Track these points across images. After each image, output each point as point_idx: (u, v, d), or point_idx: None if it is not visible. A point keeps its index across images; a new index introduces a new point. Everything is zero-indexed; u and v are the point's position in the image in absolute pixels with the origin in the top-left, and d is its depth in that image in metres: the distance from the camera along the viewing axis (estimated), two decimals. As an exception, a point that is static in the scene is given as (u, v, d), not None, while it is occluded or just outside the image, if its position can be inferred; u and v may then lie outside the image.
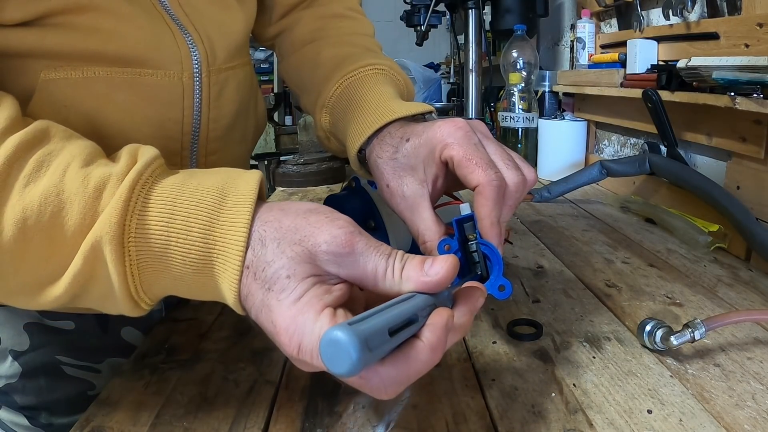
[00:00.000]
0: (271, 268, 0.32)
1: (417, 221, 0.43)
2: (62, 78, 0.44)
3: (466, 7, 1.39)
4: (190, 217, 0.33)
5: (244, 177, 0.36)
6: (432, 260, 0.33)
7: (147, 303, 0.36)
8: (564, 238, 0.81)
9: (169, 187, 0.34)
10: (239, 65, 0.58)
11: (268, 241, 0.32)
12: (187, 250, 0.33)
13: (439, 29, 1.69)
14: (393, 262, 0.33)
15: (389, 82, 0.54)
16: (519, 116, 1.26)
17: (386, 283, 0.32)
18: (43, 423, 0.59)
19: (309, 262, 0.32)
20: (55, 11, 0.42)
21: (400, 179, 0.44)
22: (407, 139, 0.44)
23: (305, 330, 0.30)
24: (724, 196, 0.72)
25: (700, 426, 0.38)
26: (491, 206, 0.40)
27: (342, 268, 0.32)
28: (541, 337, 0.51)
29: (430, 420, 0.39)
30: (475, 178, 0.40)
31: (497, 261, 0.40)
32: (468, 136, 0.41)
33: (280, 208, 0.34)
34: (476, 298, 0.35)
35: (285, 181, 1.24)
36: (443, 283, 0.32)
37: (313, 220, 0.33)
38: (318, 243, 0.32)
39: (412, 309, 0.30)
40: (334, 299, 0.32)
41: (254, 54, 3.60)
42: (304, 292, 0.31)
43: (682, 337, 0.45)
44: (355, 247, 0.32)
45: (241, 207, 0.34)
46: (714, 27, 0.80)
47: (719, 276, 0.65)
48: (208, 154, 0.55)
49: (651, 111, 0.87)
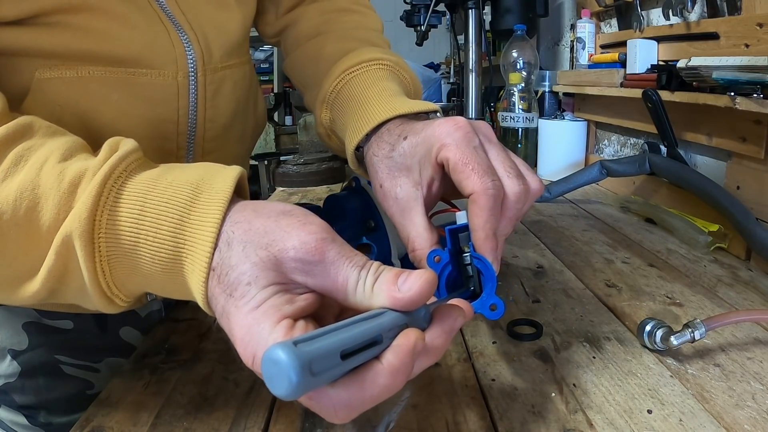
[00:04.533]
0: (234, 272, 0.30)
1: (408, 226, 0.40)
2: (56, 77, 0.44)
3: (466, 7, 1.39)
4: (161, 215, 0.32)
5: (222, 173, 0.34)
6: (407, 275, 0.30)
7: (122, 299, 0.35)
8: (564, 238, 0.81)
9: (143, 182, 0.33)
10: (237, 64, 0.57)
11: (235, 243, 0.31)
12: (156, 248, 0.32)
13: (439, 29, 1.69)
14: (365, 274, 0.30)
15: (393, 79, 0.52)
16: (519, 116, 1.26)
17: (356, 297, 0.30)
18: (42, 422, 0.59)
19: (273, 269, 0.30)
20: (49, 10, 0.42)
21: (394, 179, 0.41)
22: (405, 137, 0.42)
23: (260, 341, 0.28)
24: (724, 196, 0.72)
25: (700, 426, 0.38)
26: (486, 217, 0.36)
27: (310, 277, 0.30)
28: (541, 337, 0.51)
29: (430, 420, 0.39)
30: (469, 185, 0.36)
31: (490, 278, 0.37)
32: (467, 138, 0.38)
33: (253, 208, 0.32)
34: (454, 319, 0.32)
35: (285, 181, 1.24)
36: (416, 302, 0.29)
37: (284, 224, 0.31)
38: (285, 248, 0.30)
39: (377, 328, 0.27)
40: (295, 310, 0.29)
41: (254, 54, 3.60)
42: (264, 300, 0.29)
43: (682, 337, 0.45)
44: (326, 255, 0.30)
45: (212, 206, 0.32)
46: (714, 27, 0.80)
47: (719, 276, 0.65)
48: (205, 154, 0.55)
49: (651, 111, 0.87)
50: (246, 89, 0.61)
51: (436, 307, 0.32)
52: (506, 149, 0.41)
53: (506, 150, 0.40)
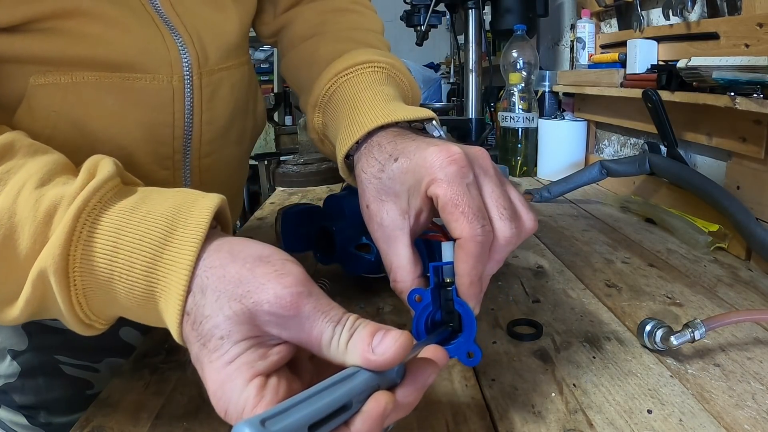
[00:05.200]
0: (207, 323, 0.29)
1: (391, 255, 0.39)
2: (51, 83, 0.43)
3: (466, 7, 1.39)
4: (134, 252, 0.31)
5: (198, 205, 0.33)
6: (383, 334, 0.29)
7: (102, 323, 0.35)
8: (564, 238, 0.81)
9: (118, 214, 0.32)
10: (235, 65, 0.57)
11: (209, 291, 0.30)
12: (131, 285, 0.31)
13: (439, 29, 1.69)
14: (340, 330, 0.29)
15: (389, 83, 0.50)
16: (519, 116, 1.26)
17: (330, 352, 0.29)
18: (42, 422, 0.59)
19: (247, 323, 0.29)
20: (42, 16, 0.41)
21: (381, 204, 0.40)
22: (395, 158, 0.39)
23: (231, 398, 0.28)
24: (724, 196, 0.72)
25: (700, 426, 0.38)
26: (472, 264, 0.35)
27: (284, 330, 0.30)
28: (541, 337, 0.51)
29: (430, 420, 0.39)
30: (458, 228, 0.35)
31: (469, 324, 0.37)
32: (461, 174, 0.36)
33: (229, 250, 0.31)
34: (428, 375, 0.31)
35: (285, 181, 1.24)
36: (389, 365, 0.29)
37: (259, 273, 0.30)
38: (260, 302, 0.29)
39: (346, 395, 0.27)
40: (268, 365, 0.29)
41: (254, 54, 3.60)
42: (237, 356, 0.29)
43: (682, 337, 0.45)
44: (301, 310, 0.29)
45: (186, 246, 0.31)
46: (714, 27, 0.80)
47: (719, 276, 0.65)
48: (202, 157, 0.54)
49: (651, 111, 0.87)
50: (245, 90, 0.60)
51: (411, 359, 0.31)
52: (504, 182, 0.39)
53: (503, 184, 0.38)
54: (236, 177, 0.65)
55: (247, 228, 0.93)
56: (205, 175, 0.55)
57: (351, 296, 0.60)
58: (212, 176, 0.56)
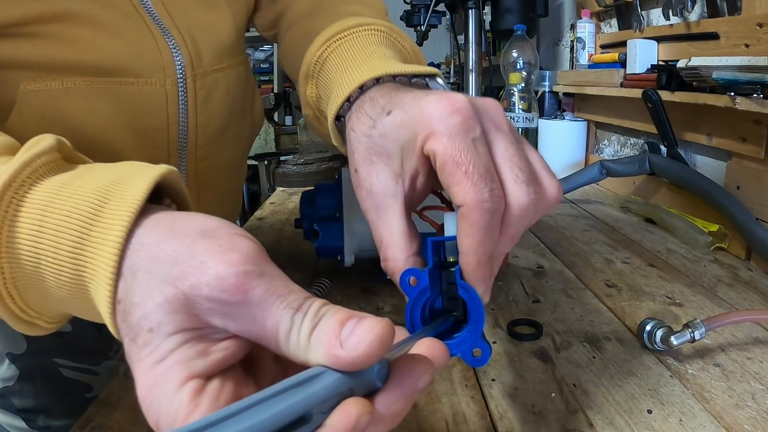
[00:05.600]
0: (136, 313, 0.24)
1: (381, 228, 0.32)
2: (42, 89, 0.43)
3: (466, 7, 1.39)
4: (60, 231, 0.26)
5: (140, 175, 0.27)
6: (354, 324, 0.22)
7: (47, 322, 0.30)
8: (564, 238, 0.81)
9: (47, 190, 0.27)
10: (230, 66, 0.56)
11: (140, 273, 0.24)
12: (58, 270, 0.26)
13: (439, 29, 1.69)
14: (301, 318, 0.23)
15: (388, 45, 0.44)
16: (519, 116, 1.26)
17: (290, 348, 0.23)
18: (41, 425, 0.59)
19: (183, 312, 0.23)
20: (30, 20, 0.41)
21: (370, 165, 0.33)
22: (389, 111, 0.33)
23: (161, 406, 0.22)
24: (724, 196, 0.72)
25: (700, 426, 0.38)
26: (479, 239, 0.28)
27: (231, 320, 0.23)
28: (541, 337, 0.51)
29: (430, 420, 0.39)
30: (460, 193, 0.28)
31: (477, 315, 0.30)
32: (465, 126, 0.29)
33: (170, 224, 0.25)
34: (417, 377, 0.23)
35: (285, 181, 1.24)
36: (362, 363, 0.22)
37: (199, 249, 0.24)
38: (198, 285, 0.23)
39: (303, 403, 0.20)
40: (208, 365, 0.23)
41: (254, 54, 3.60)
42: (169, 352, 0.23)
43: (682, 337, 0.45)
44: (250, 294, 0.23)
45: (117, 221, 0.25)
46: (714, 27, 0.80)
47: (719, 276, 0.65)
48: (198, 160, 0.54)
49: (651, 111, 0.87)
50: (242, 91, 0.59)
51: (398, 356, 0.24)
52: (521, 140, 0.32)
53: (520, 141, 0.31)
54: (234, 178, 0.64)
55: (247, 228, 0.93)
56: (202, 178, 0.55)
57: (351, 295, 0.60)
58: (209, 179, 0.56)
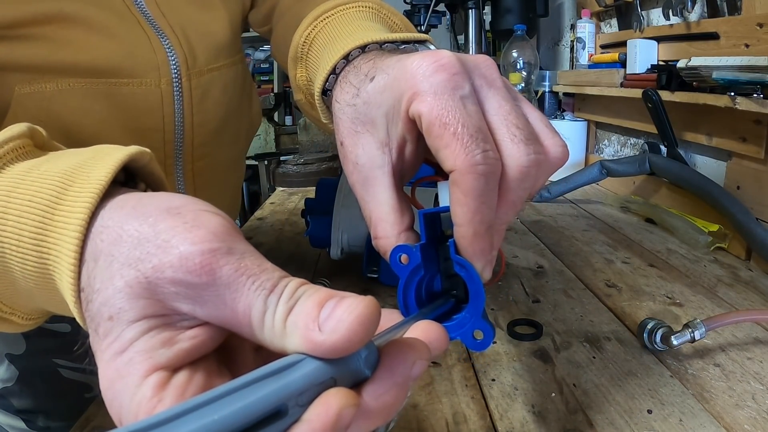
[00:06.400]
0: (96, 300, 0.22)
1: (370, 204, 0.30)
2: (36, 92, 0.43)
3: (466, 7, 1.39)
4: (23, 217, 0.24)
5: (108, 157, 0.25)
6: (334, 304, 0.20)
7: (22, 318, 0.28)
8: (564, 238, 0.81)
9: (12, 177, 0.25)
10: (226, 65, 0.55)
11: (102, 257, 0.22)
12: (22, 258, 0.24)
13: (439, 29, 1.69)
14: (275, 300, 0.20)
15: (378, 20, 0.41)
16: (519, 116, 1.26)
17: (265, 334, 0.20)
18: (40, 426, 0.59)
19: (145, 296, 0.21)
20: (23, 22, 0.41)
21: (355, 137, 0.30)
22: (372, 77, 0.30)
23: (123, 401, 0.20)
24: (724, 196, 0.72)
25: (700, 426, 0.38)
26: (474, 207, 0.26)
27: (198, 305, 0.21)
28: (541, 337, 0.51)
29: (430, 420, 0.39)
30: (450, 157, 0.25)
31: (476, 293, 0.26)
32: (453, 83, 0.26)
33: (135, 204, 0.23)
34: (410, 364, 0.21)
35: (285, 181, 1.24)
36: (344, 348, 0.19)
37: (163, 228, 0.21)
38: (160, 267, 0.21)
39: (277, 395, 0.18)
40: (174, 355, 0.20)
41: (254, 54, 3.60)
42: (130, 342, 0.21)
43: (682, 337, 0.45)
44: (217, 273, 0.20)
45: (79, 203, 0.23)
46: (714, 27, 0.80)
47: (719, 276, 0.65)
48: (195, 160, 0.53)
49: (651, 111, 0.87)
50: (238, 90, 0.59)
51: (389, 341, 0.22)
52: (518, 97, 0.29)
53: (516, 99, 0.28)
54: (232, 178, 0.64)
55: (247, 228, 0.93)
56: (199, 179, 0.55)
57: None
58: (207, 179, 0.56)
